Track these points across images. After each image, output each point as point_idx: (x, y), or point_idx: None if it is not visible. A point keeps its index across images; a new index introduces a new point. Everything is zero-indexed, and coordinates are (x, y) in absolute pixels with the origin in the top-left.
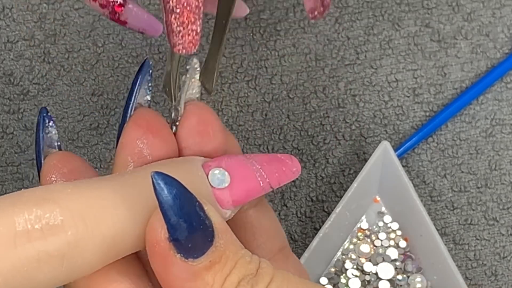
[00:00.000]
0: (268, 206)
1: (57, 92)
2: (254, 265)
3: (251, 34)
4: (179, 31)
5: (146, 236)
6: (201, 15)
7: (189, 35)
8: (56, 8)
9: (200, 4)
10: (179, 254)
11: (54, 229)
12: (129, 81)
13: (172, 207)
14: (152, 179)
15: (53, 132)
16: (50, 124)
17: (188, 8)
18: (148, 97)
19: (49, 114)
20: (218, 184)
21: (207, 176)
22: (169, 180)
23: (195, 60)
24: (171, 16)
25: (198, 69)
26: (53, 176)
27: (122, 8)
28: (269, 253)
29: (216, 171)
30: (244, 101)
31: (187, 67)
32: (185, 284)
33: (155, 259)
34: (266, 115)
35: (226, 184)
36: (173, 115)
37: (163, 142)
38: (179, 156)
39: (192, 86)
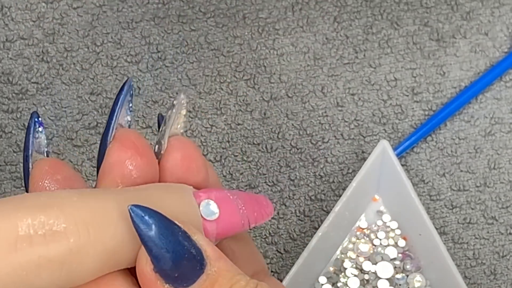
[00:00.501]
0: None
1: (55, 91)
2: None
3: (250, 33)
4: None
5: (136, 266)
6: None
7: None
8: (54, 7)
9: None
10: (167, 284)
11: (56, 235)
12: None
13: (153, 239)
14: (129, 212)
15: (42, 138)
16: (40, 129)
17: None
18: (129, 118)
19: (39, 119)
20: (208, 216)
21: (200, 206)
22: (148, 213)
23: (182, 95)
24: None
25: (185, 104)
26: (46, 182)
27: None
28: None
29: (209, 203)
30: (243, 100)
31: (174, 102)
32: None
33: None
34: (265, 114)
35: (216, 217)
36: (156, 148)
37: (150, 165)
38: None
39: (178, 121)
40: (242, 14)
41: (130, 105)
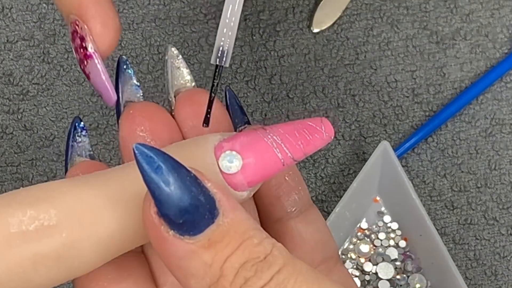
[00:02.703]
0: (315, 215)
1: (56, 92)
2: (262, 249)
3: (251, 35)
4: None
5: (142, 211)
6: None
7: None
8: (55, 8)
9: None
10: (172, 231)
11: (48, 230)
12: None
13: (156, 180)
14: (133, 150)
15: (86, 142)
16: (83, 133)
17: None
18: (140, 93)
19: (82, 124)
20: (228, 169)
21: (218, 161)
22: (153, 151)
23: (171, 48)
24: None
25: (178, 56)
26: None
27: (88, 60)
28: (309, 265)
29: (226, 156)
30: (244, 101)
31: (165, 57)
32: (181, 262)
33: (149, 234)
34: (265, 115)
35: (237, 169)
36: (169, 108)
37: (163, 125)
38: (183, 138)
39: (179, 75)
40: (243, 16)
41: (134, 81)
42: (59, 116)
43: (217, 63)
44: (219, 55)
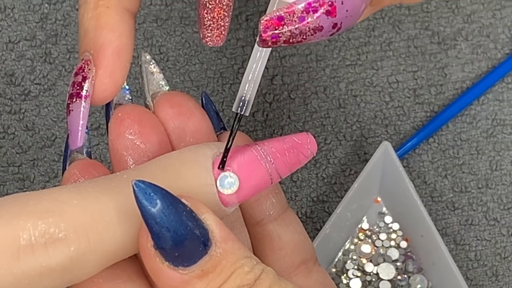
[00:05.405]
0: (292, 218)
1: (58, 93)
2: (252, 276)
3: (252, 35)
4: (209, 25)
5: (138, 241)
6: (230, 13)
7: (218, 29)
8: (57, 8)
9: (231, 3)
10: (167, 262)
11: (57, 243)
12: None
13: (154, 216)
14: (133, 187)
15: (85, 138)
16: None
17: (219, 5)
18: (129, 96)
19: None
20: (226, 190)
21: (216, 180)
22: (152, 189)
23: (144, 54)
24: (204, 10)
25: (151, 62)
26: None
27: (78, 99)
28: (289, 267)
29: (225, 177)
30: None
31: (140, 63)
32: None
33: (146, 265)
34: (267, 115)
35: (234, 190)
36: None
37: (151, 128)
38: (169, 139)
39: (154, 80)
40: (245, 16)
41: (125, 85)
42: (60, 117)
43: (238, 111)
44: (240, 104)
